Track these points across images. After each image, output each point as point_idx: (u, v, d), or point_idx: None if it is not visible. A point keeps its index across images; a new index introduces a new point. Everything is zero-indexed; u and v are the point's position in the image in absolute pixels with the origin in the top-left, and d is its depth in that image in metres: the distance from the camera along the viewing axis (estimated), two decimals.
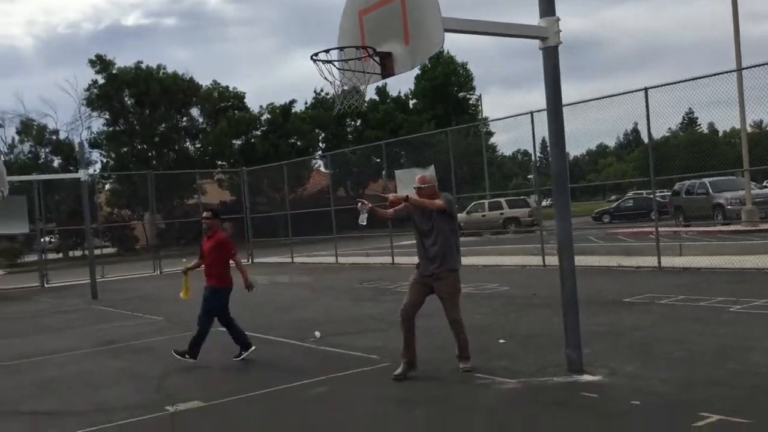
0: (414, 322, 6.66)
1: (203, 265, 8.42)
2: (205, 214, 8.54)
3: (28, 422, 6.34)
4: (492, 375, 6.58)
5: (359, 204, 6.31)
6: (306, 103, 47.65)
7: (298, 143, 44.55)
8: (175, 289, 12.62)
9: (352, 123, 47.80)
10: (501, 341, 8.16)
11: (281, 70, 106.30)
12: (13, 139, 41.77)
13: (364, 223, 6.27)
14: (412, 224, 6.67)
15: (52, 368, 8.90)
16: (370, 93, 48.58)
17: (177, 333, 10.79)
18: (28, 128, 40.07)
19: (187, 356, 8.15)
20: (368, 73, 5.52)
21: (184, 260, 9.58)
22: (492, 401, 5.83)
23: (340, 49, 5.55)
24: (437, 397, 6.09)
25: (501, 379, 6.41)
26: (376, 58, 5.49)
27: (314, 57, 5.40)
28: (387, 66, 5.51)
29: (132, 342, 10.44)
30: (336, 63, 5.57)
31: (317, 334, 9.50)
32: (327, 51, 5.41)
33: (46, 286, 22.73)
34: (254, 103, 60.20)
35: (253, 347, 8.27)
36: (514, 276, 15.34)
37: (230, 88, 45.24)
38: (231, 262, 8.33)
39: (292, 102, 45.48)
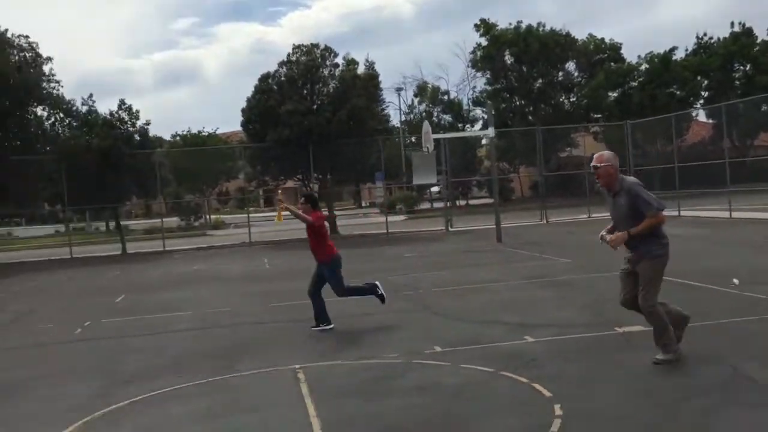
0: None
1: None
2: (301, 200, 9.42)
3: (505, 329, 8.17)
4: None
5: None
6: (686, 50, 45.16)
7: (677, 93, 42.63)
8: (570, 237, 13.94)
9: (740, 68, 43.99)
10: None
11: (655, 15, 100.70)
12: (411, 100, 47.60)
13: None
14: None
15: (495, 293, 10.89)
16: (761, 34, 44.04)
17: (588, 273, 12.13)
18: (423, 90, 45.23)
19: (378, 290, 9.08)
20: None
21: (280, 192, 10.53)
22: None
23: None
24: None
25: None
26: None
27: None
28: None
29: (552, 277, 12.06)
30: None
31: (735, 281, 9.98)
32: None
33: (450, 229, 26.08)
34: (628, 52, 58.57)
35: (331, 325, 8.81)
36: None
37: (606, 40, 45.03)
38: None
39: (672, 49, 43.52)
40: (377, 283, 9.23)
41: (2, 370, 7.84)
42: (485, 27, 44.75)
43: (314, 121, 24.52)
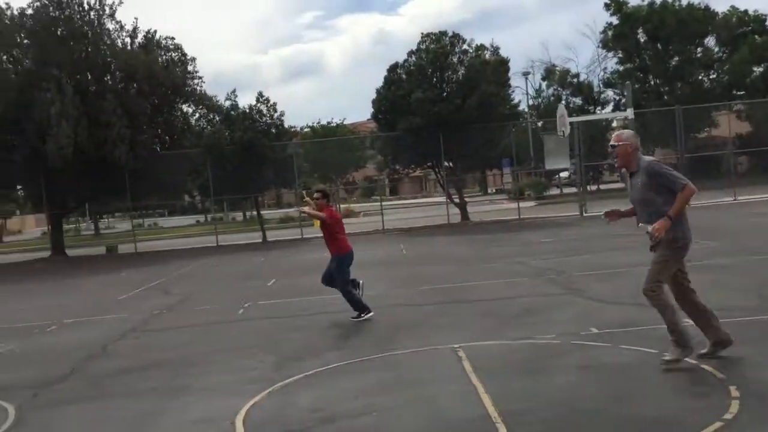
0: (691, 300, 6.11)
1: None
2: (315, 195, 9.32)
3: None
4: None
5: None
6: None
7: None
8: (715, 220, 13.27)
9: None
10: None
11: None
12: (539, 84, 46.78)
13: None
14: None
15: (643, 277, 10.58)
16: None
17: (738, 256, 11.61)
18: (551, 74, 44.29)
19: (362, 315, 9.03)
20: None
21: (305, 191, 10.24)
22: None
23: None
24: None
25: None
26: None
27: None
28: None
29: (700, 261, 11.44)
30: None
31: None
32: None
33: (584, 214, 25.51)
34: None
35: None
36: None
37: (749, 12, 42.22)
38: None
39: None
40: (364, 315, 9.09)
41: (182, 346, 8.58)
42: (616, 5, 43.10)
43: (444, 109, 24.68)
